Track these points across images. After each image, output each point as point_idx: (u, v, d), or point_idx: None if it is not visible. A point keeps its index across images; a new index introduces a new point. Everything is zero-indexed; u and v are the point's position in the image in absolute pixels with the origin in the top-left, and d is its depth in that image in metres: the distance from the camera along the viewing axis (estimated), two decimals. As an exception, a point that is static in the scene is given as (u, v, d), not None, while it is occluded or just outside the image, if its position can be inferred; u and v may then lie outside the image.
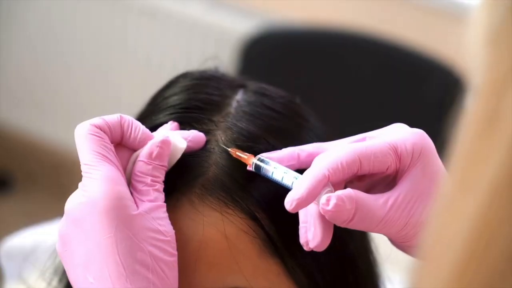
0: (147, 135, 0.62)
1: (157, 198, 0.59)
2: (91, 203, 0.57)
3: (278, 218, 0.63)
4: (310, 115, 0.72)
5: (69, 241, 0.58)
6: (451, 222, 0.36)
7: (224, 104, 0.68)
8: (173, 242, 0.59)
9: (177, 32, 2.15)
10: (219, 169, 0.64)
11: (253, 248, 0.63)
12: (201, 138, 0.64)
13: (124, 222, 0.57)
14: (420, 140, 0.61)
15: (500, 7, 0.34)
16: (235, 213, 0.63)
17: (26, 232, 1.02)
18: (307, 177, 0.58)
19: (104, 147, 0.59)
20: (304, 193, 0.57)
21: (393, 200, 0.58)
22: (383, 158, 0.59)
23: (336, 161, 0.58)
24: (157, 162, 0.61)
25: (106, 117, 0.61)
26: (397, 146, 0.60)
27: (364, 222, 0.58)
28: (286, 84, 0.77)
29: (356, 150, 0.59)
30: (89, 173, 0.59)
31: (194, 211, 0.63)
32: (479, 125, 0.35)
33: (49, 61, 2.37)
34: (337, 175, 0.58)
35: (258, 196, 0.63)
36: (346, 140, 0.64)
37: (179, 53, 2.15)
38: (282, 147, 0.65)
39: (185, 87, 0.70)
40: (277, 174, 0.62)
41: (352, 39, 1.71)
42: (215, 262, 0.62)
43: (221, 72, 0.74)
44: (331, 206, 0.57)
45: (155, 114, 0.68)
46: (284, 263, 0.64)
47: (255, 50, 1.75)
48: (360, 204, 0.57)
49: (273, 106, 0.69)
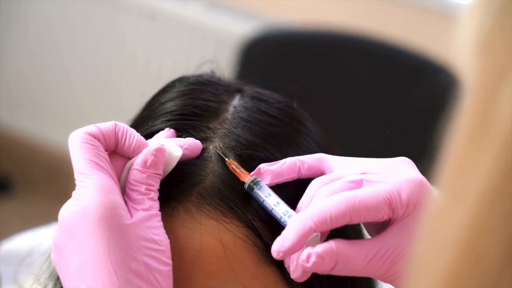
0: (142, 143, 0.62)
1: (151, 207, 0.59)
2: (84, 212, 0.57)
3: (275, 226, 0.62)
4: (307, 120, 0.71)
5: (63, 249, 0.58)
6: (442, 230, 0.35)
7: (221, 110, 0.67)
8: (167, 251, 0.58)
9: (177, 34, 2.15)
10: (216, 178, 0.63)
11: (251, 257, 0.62)
12: (198, 146, 0.64)
13: (117, 231, 0.56)
14: (417, 190, 0.59)
15: (491, 10, 0.34)
16: (232, 221, 0.62)
17: (22, 236, 1.01)
18: (294, 228, 0.57)
19: (98, 155, 0.59)
20: (290, 245, 0.57)
21: (375, 252, 0.58)
22: (376, 212, 0.58)
23: (325, 213, 0.57)
24: (152, 170, 0.60)
25: (100, 124, 0.61)
26: (392, 199, 0.58)
27: (343, 271, 0.58)
28: (285, 86, 0.77)
29: (347, 204, 0.57)
30: (82, 181, 0.58)
31: (191, 219, 0.62)
32: (469, 132, 0.34)
33: (49, 64, 2.37)
34: (323, 228, 0.57)
35: (256, 205, 0.63)
36: (346, 161, 0.63)
37: (179, 55, 2.15)
38: (280, 154, 0.65)
39: (181, 92, 0.69)
40: (268, 204, 0.62)
41: (350, 40, 1.71)
42: (212, 271, 0.62)
43: (217, 76, 0.74)
44: (310, 263, 0.56)
45: (152, 120, 0.68)
46: (282, 271, 0.63)
47: (254, 52, 1.74)
48: (340, 258, 0.57)
49: (270, 112, 0.68)
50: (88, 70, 2.32)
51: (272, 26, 1.83)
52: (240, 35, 1.85)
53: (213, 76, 0.73)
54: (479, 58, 0.34)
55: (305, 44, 1.76)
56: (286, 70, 1.73)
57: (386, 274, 0.59)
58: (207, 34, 2.10)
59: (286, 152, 0.66)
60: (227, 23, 2.07)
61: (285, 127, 0.68)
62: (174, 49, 2.16)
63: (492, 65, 0.33)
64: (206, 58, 0.78)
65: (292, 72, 1.71)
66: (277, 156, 0.65)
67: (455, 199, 0.34)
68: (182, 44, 2.14)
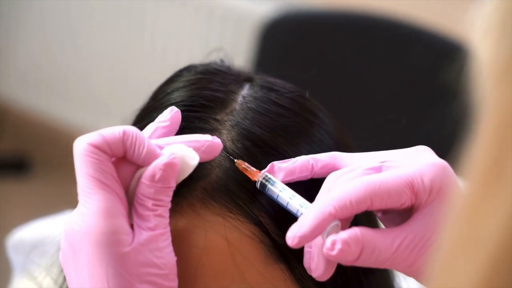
0: (153, 153, 0.57)
1: (157, 225, 0.55)
2: (84, 234, 0.54)
3: (284, 222, 0.59)
4: (320, 110, 0.68)
5: (67, 261, 0.56)
6: (475, 230, 0.32)
7: (229, 100, 0.64)
8: (171, 273, 0.55)
9: (196, 15, 2.13)
10: (222, 172, 0.61)
11: (258, 254, 0.60)
12: (217, 147, 0.59)
13: (115, 259, 0.54)
14: (440, 174, 0.56)
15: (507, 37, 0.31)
16: (239, 218, 0.60)
17: (33, 224, 1.00)
18: (312, 213, 0.54)
19: (102, 171, 0.55)
20: (307, 231, 0.53)
21: (401, 239, 0.55)
22: (398, 196, 0.55)
23: (344, 198, 0.54)
24: (161, 184, 0.56)
25: (106, 132, 0.56)
26: (414, 182, 0.55)
27: (369, 261, 0.54)
28: (299, 74, 0.74)
29: (367, 187, 0.54)
30: (84, 201, 0.55)
31: (195, 215, 0.60)
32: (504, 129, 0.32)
33: (66, 44, 2.37)
34: (344, 213, 0.54)
35: (263, 200, 0.60)
36: (362, 157, 0.60)
37: (197, 36, 2.13)
38: (290, 147, 0.62)
39: (188, 82, 0.66)
40: (283, 198, 0.58)
41: (372, 21, 1.67)
42: (217, 270, 0.59)
43: (226, 65, 0.71)
44: (336, 251, 0.53)
45: (157, 110, 0.64)
46: (291, 269, 0.60)
47: (274, 33, 1.72)
48: (366, 245, 0.54)
49: (281, 102, 0.65)
50: (106, 52, 2.31)
51: (292, 7, 1.80)
52: (260, 16, 1.82)
53: (222, 65, 0.70)
54: (495, 93, 0.31)
55: (326, 25, 1.73)
56: (306, 51, 1.71)
57: (413, 265, 0.56)
58: (227, 15, 2.08)
59: (297, 145, 0.63)
60: (247, 3, 2.05)
61: (296, 118, 0.65)
62: (193, 29, 2.14)
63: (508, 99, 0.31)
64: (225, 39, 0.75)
65: (313, 54, 1.69)
66: (287, 149, 0.62)
67: (490, 195, 0.32)
68: (202, 24, 2.12)
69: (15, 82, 2.48)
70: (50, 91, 2.44)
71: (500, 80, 0.31)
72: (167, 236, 0.56)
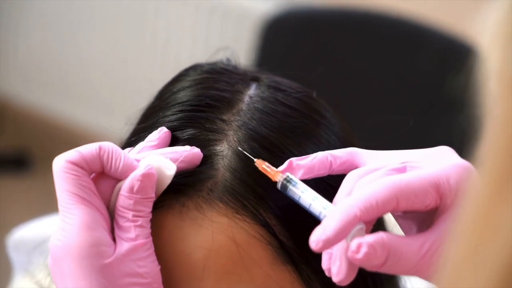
0: (130, 166, 0.58)
1: (138, 236, 0.56)
2: (66, 248, 0.55)
3: (292, 224, 0.59)
4: (327, 110, 0.67)
5: (55, 277, 0.57)
6: (486, 241, 0.32)
7: (236, 100, 0.64)
8: (155, 282, 0.56)
9: (197, 13, 2.13)
10: (229, 173, 0.60)
11: (265, 256, 0.59)
12: (196, 156, 0.60)
13: (98, 270, 0.55)
14: (466, 176, 0.54)
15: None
16: (246, 219, 0.59)
17: (34, 223, 0.99)
18: (336, 216, 0.52)
19: (80, 186, 0.56)
20: (332, 234, 0.52)
21: (429, 245, 0.53)
22: (423, 197, 0.53)
23: (370, 199, 0.52)
24: (140, 195, 0.57)
25: (83, 149, 0.58)
26: (440, 183, 0.54)
27: (394, 268, 0.53)
28: (305, 74, 0.73)
29: (394, 187, 0.53)
30: (64, 216, 0.56)
31: (202, 216, 0.59)
32: None
33: (66, 40, 2.36)
34: (369, 215, 0.52)
35: (271, 201, 0.60)
36: (382, 155, 0.59)
37: (198, 33, 2.13)
38: (298, 147, 0.61)
39: (194, 82, 0.66)
40: (305, 200, 0.57)
41: (375, 19, 1.67)
42: (224, 271, 0.59)
43: (233, 64, 0.70)
44: (361, 254, 0.51)
45: (163, 110, 0.64)
46: (299, 271, 0.60)
47: (275, 31, 1.71)
48: (392, 251, 0.52)
49: (288, 102, 0.65)
50: (107, 49, 2.31)
51: (294, 4, 1.80)
52: (262, 13, 1.82)
53: (228, 64, 0.70)
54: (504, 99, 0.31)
55: (327, 23, 1.73)
56: (307, 49, 1.70)
57: (435, 272, 0.54)
58: (228, 12, 2.07)
59: (304, 145, 0.62)
60: (248, 1, 2.05)
61: (303, 118, 0.64)
62: (195, 26, 2.13)
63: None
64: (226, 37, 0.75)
65: (314, 51, 1.68)
66: (294, 150, 0.61)
67: (500, 201, 0.31)
68: (203, 21, 2.12)
69: (15, 78, 2.47)
70: (50, 87, 2.44)
71: (509, 91, 0.31)
72: (149, 246, 0.57)
